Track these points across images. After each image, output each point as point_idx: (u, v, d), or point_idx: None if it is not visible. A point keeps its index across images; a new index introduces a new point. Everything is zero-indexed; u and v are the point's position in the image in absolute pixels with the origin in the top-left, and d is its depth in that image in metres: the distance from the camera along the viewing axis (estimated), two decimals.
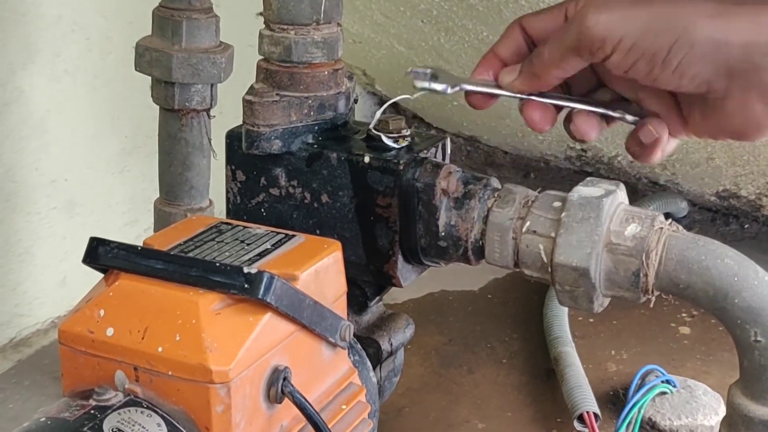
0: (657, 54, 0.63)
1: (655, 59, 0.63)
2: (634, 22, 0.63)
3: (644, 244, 0.66)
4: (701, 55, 0.62)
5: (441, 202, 0.71)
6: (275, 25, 0.73)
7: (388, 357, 0.78)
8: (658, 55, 0.63)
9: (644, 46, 0.63)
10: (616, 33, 0.63)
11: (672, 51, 0.62)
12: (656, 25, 0.63)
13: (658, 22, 0.63)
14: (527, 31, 0.71)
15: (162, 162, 0.98)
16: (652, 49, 0.63)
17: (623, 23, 0.63)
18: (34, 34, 1.16)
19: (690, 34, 0.62)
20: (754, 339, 0.64)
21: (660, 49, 0.63)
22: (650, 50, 0.63)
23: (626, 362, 1.19)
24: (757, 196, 1.56)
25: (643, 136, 0.69)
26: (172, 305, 0.60)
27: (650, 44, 0.63)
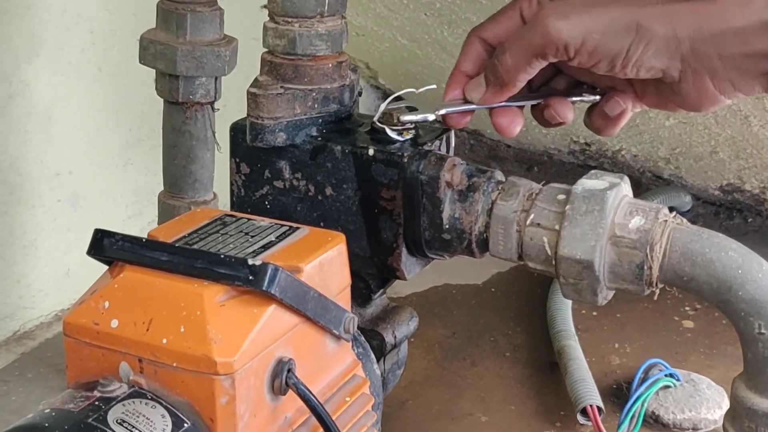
0: (617, 54, 0.67)
1: (615, 59, 0.68)
2: (594, 26, 0.67)
3: (648, 237, 0.66)
4: (656, 50, 0.67)
5: (445, 195, 0.71)
6: (279, 18, 0.73)
7: (391, 349, 0.79)
8: (619, 54, 0.67)
9: (605, 48, 0.67)
10: (578, 37, 0.67)
11: (630, 50, 0.67)
12: (614, 27, 0.67)
13: (616, 25, 0.67)
14: (486, 40, 0.74)
15: (166, 155, 0.98)
16: (613, 50, 0.67)
17: (584, 27, 0.67)
18: (39, 27, 1.16)
19: (645, 33, 0.66)
20: (758, 331, 0.64)
21: (620, 49, 0.67)
22: (611, 51, 0.67)
23: (629, 356, 1.19)
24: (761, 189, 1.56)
25: (609, 109, 0.74)
26: (176, 297, 0.60)
27: (611, 46, 0.67)
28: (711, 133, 1.43)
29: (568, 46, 0.68)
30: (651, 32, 0.66)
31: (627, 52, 0.67)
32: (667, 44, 0.67)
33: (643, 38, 0.66)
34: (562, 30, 0.67)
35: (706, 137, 1.45)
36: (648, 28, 0.66)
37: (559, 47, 0.68)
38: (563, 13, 0.68)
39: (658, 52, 0.67)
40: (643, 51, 0.67)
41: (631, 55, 0.67)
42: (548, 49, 0.68)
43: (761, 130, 1.36)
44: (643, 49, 0.67)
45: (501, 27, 0.74)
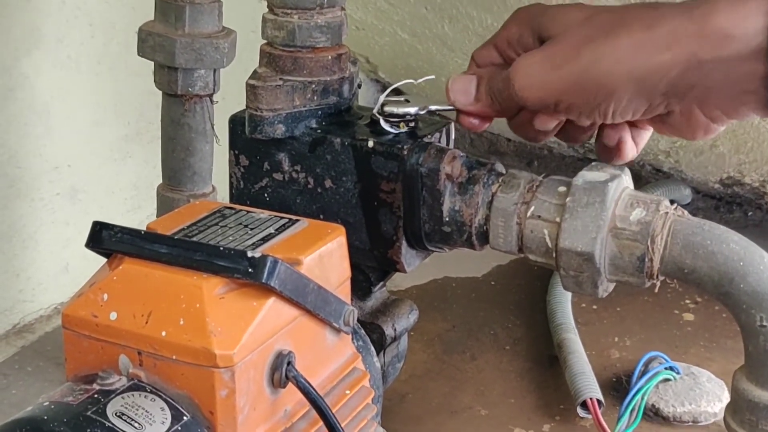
0: (592, 107, 0.66)
1: (591, 111, 0.66)
2: (555, 87, 0.66)
3: (649, 229, 0.66)
4: (631, 95, 0.64)
5: (445, 187, 0.71)
6: (279, 9, 0.73)
7: (391, 342, 0.78)
8: (593, 107, 0.66)
9: (574, 107, 0.66)
10: (545, 98, 0.67)
11: (603, 103, 0.65)
12: (574, 86, 0.65)
13: (576, 83, 0.65)
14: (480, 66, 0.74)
15: (165, 147, 0.98)
16: (586, 104, 0.66)
17: (546, 89, 0.66)
18: (38, 19, 1.16)
19: (612, 83, 0.64)
20: (760, 324, 0.64)
21: (592, 103, 0.65)
22: (585, 106, 0.66)
23: (629, 349, 1.19)
24: (761, 183, 1.55)
25: (606, 139, 0.72)
26: (175, 289, 0.60)
27: (578, 104, 0.66)
28: None
29: (543, 102, 0.67)
30: (619, 80, 0.64)
31: (598, 107, 0.65)
32: (642, 86, 0.64)
33: (612, 89, 0.64)
34: (526, 90, 0.67)
35: None
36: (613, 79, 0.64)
37: (535, 104, 0.68)
38: (527, 73, 0.67)
39: (635, 96, 0.64)
40: (615, 101, 0.65)
41: (607, 107, 0.65)
42: (527, 104, 0.68)
43: (762, 123, 1.36)
44: (615, 100, 0.65)
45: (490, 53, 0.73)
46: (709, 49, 0.61)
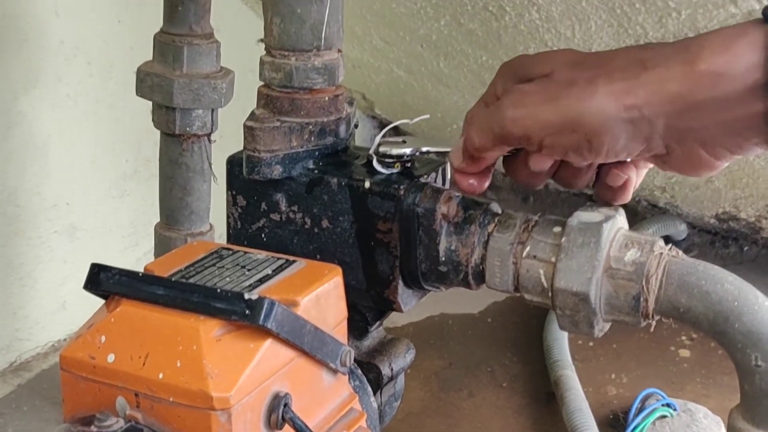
0: (581, 146, 0.63)
1: (581, 150, 0.64)
2: (546, 121, 0.63)
3: (644, 269, 0.66)
4: (626, 136, 0.62)
5: (441, 227, 0.71)
6: (276, 51, 0.74)
7: (388, 382, 0.78)
8: (580, 148, 0.63)
9: (564, 143, 0.64)
10: (534, 133, 0.64)
11: (593, 142, 0.63)
12: (566, 121, 0.63)
13: (568, 118, 0.62)
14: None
15: (163, 186, 0.98)
16: (572, 144, 0.63)
17: (536, 123, 0.64)
18: (37, 58, 1.17)
19: (603, 123, 0.61)
20: (755, 363, 0.64)
21: (579, 143, 0.63)
22: (570, 145, 0.64)
23: (626, 385, 1.19)
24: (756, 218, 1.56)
25: (611, 180, 0.69)
26: (173, 331, 0.60)
27: (568, 141, 0.63)
28: None
29: (529, 138, 0.64)
30: (612, 120, 0.61)
31: (590, 144, 0.63)
32: (637, 128, 0.62)
33: (604, 128, 0.62)
34: (516, 122, 0.64)
35: None
36: (607, 117, 0.61)
37: (520, 139, 0.65)
38: (518, 105, 0.64)
39: (630, 138, 0.62)
40: (610, 140, 0.62)
41: (598, 147, 0.63)
42: (509, 140, 0.66)
43: (757, 159, 1.37)
44: (610, 139, 0.62)
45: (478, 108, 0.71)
46: (703, 90, 0.60)
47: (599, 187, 0.70)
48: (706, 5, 1.08)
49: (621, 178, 0.69)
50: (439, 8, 1.35)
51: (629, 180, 0.69)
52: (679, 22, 1.14)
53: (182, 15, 0.92)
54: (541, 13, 1.24)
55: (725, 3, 1.06)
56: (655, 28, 1.18)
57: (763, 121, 0.60)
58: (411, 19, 1.41)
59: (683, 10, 1.11)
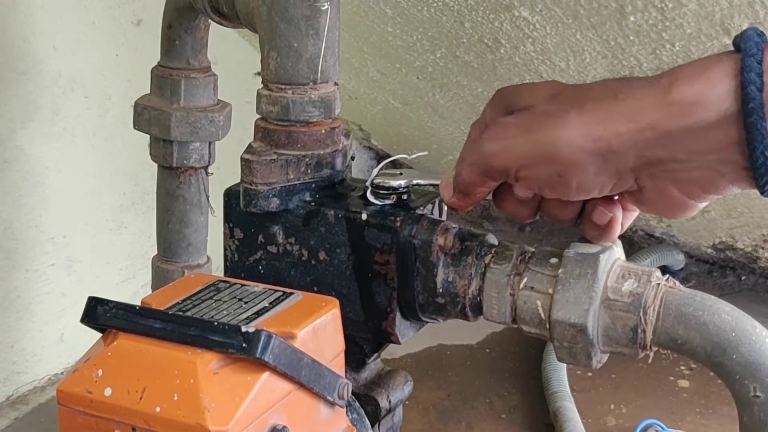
0: (552, 179, 0.63)
1: (553, 184, 0.63)
2: (520, 153, 0.63)
3: (641, 300, 0.66)
4: (594, 169, 0.61)
5: (438, 259, 0.71)
6: (273, 85, 0.74)
7: (386, 415, 0.78)
8: (554, 180, 0.63)
9: (537, 176, 0.63)
10: (512, 164, 0.64)
11: (563, 176, 0.62)
12: (537, 153, 0.62)
13: (540, 150, 0.62)
14: None
15: (160, 219, 0.98)
16: (544, 177, 0.63)
17: (511, 155, 0.63)
18: (34, 92, 1.18)
19: (573, 155, 0.61)
20: (754, 394, 0.64)
21: (550, 177, 0.62)
22: (543, 179, 0.63)
23: (625, 416, 1.19)
24: (753, 248, 1.56)
25: (596, 218, 0.67)
26: (170, 365, 0.60)
27: (540, 174, 0.63)
28: None
29: (507, 172, 0.64)
30: (581, 153, 0.61)
31: (561, 178, 0.62)
32: (606, 161, 0.61)
33: (573, 161, 0.61)
34: (494, 156, 0.64)
35: None
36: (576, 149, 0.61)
37: (500, 172, 0.65)
38: (496, 137, 0.65)
39: (598, 171, 0.61)
40: (581, 174, 0.61)
41: (568, 181, 0.62)
42: (492, 174, 0.66)
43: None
44: (580, 172, 0.61)
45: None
46: (675, 119, 0.58)
47: (585, 224, 0.69)
48: (699, 37, 1.09)
49: (606, 216, 0.67)
50: (434, 40, 1.35)
51: (614, 219, 0.67)
52: (672, 53, 1.15)
53: (180, 49, 0.92)
54: (536, 45, 1.25)
55: (718, 34, 1.07)
56: (649, 59, 1.19)
57: (738, 151, 0.58)
58: (407, 51, 1.42)
59: (677, 41, 1.12)
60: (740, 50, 0.59)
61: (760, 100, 0.57)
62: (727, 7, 1.01)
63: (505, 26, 1.23)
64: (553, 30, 1.20)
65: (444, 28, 1.30)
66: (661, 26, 1.09)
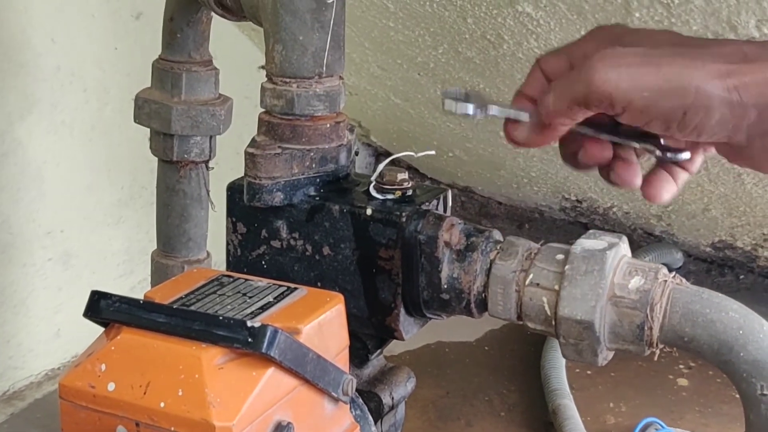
0: (671, 116, 0.62)
1: (669, 121, 0.63)
2: (645, 83, 0.62)
3: (648, 297, 0.65)
4: (718, 117, 0.61)
5: (443, 255, 0.71)
6: (277, 78, 0.73)
7: (389, 411, 0.78)
8: (673, 117, 0.62)
9: (657, 109, 0.62)
10: (626, 93, 0.62)
11: (687, 114, 0.62)
12: (668, 87, 0.62)
13: (672, 85, 0.62)
14: (545, 72, 0.70)
15: (160, 214, 0.97)
16: (666, 112, 0.62)
17: (633, 84, 0.62)
18: (33, 85, 1.17)
19: (704, 97, 0.61)
20: (761, 392, 0.64)
21: (674, 112, 0.62)
22: (663, 113, 0.62)
23: (625, 414, 1.18)
24: (752, 247, 1.56)
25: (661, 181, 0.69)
26: (174, 359, 0.59)
27: (663, 108, 0.62)
28: (704, 191, 1.43)
29: (613, 101, 0.63)
30: (712, 97, 0.61)
31: (684, 116, 0.62)
32: (733, 112, 0.61)
33: (702, 103, 0.61)
34: (608, 82, 0.62)
35: (698, 195, 1.46)
36: (708, 91, 0.61)
37: (603, 99, 0.63)
38: (613, 65, 0.62)
39: (722, 120, 0.62)
40: (704, 117, 0.62)
41: (689, 120, 0.62)
42: (591, 100, 0.63)
43: (754, 188, 1.37)
44: (703, 116, 0.62)
45: (560, 61, 0.69)
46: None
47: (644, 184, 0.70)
48: (706, 34, 1.08)
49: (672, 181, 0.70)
50: (437, 36, 1.35)
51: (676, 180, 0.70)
52: None
53: (181, 42, 0.92)
54: (540, 42, 1.24)
55: (725, 31, 1.06)
56: None
57: None
58: (409, 47, 1.41)
59: None
60: None
61: None
62: (735, 3, 1.01)
63: (508, 22, 1.22)
64: (557, 26, 1.20)
65: (446, 23, 1.30)
66: (667, 23, 1.09)
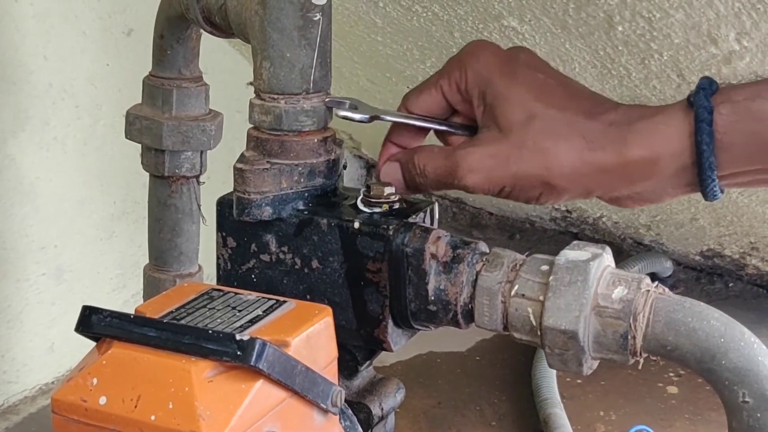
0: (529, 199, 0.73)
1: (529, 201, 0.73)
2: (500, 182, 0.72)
3: (631, 307, 0.67)
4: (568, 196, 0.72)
5: (430, 267, 0.72)
6: (265, 95, 0.74)
7: (378, 422, 0.79)
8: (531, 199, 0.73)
9: (516, 195, 0.73)
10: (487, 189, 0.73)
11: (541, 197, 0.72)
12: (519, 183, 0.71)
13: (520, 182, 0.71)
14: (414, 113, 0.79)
15: (151, 228, 0.98)
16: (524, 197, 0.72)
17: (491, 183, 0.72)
18: (25, 102, 1.18)
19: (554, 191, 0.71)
20: (742, 400, 0.65)
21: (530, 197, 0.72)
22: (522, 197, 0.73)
23: (615, 423, 1.19)
24: (740, 255, 1.57)
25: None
26: (164, 373, 0.60)
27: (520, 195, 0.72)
28: (691, 201, 1.45)
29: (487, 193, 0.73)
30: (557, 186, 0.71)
31: (539, 197, 0.72)
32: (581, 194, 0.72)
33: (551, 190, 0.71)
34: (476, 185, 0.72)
35: (686, 205, 1.47)
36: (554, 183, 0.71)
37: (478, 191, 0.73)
38: (476, 172, 0.72)
39: (572, 197, 0.72)
40: (556, 197, 0.72)
41: (544, 199, 0.72)
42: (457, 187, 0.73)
43: (740, 197, 1.38)
44: (556, 196, 0.72)
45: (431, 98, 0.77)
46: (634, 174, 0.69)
47: None
48: (687, 47, 1.10)
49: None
50: (424, 50, 1.36)
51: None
52: (661, 63, 1.16)
53: (171, 58, 0.93)
54: None
55: (706, 44, 1.08)
56: (638, 69, 1.20)
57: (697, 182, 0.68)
58: (397, 61, 1.42)
59: (665, 51, 1.13)
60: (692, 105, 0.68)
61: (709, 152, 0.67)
62: (714, 17, 1.02)
63: (495, 36, 1.24)
64: (542, 40, 1.21)
65: (434, 37, 1.31)
66: (649, 36, 1.10)
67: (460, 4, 1.21)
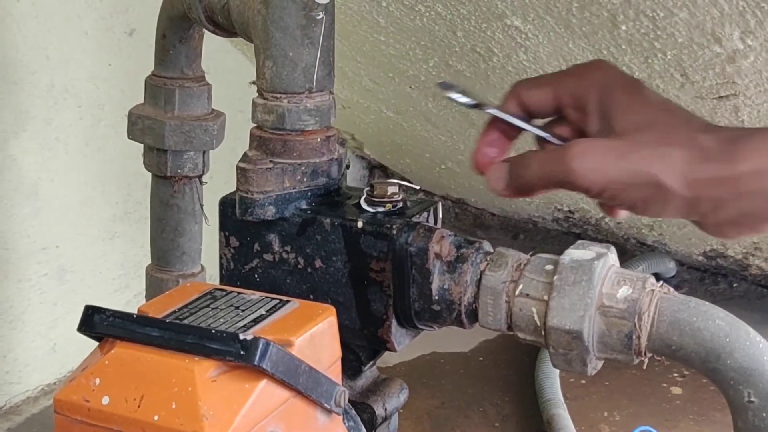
0: (636, 203, 0.69)
1: (634, 206, 0.69)
2: (615, 177, 0.68)
3: (636, 306, 0.66)
4: (675, 206, 0.68)
5: (434, 266, 0.72)
6: (268, 94, 0.74)
7: (382, 422, 0.78)
8: (637, 204, 0.69)
9: (624, 197, 0.69)
10: (600, 185, 0.69)
11: (648, 202, 0.69)
12: (633, 181, 0.68)
13: (635, 179, 0.68)
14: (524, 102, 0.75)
15: (154, 228, 0.98)
16: (632, 200, 0.69)
17: (605, 177, 0.68)
18: (27, 102, 1.18)
19: (663, 191, 0.67)
20: (748, 399, 0.64)
21: (638, 200, 0.68)
22: (629, 200, 0.69)
23: (619, 423, 1.19)
24: (744, 255, 1.57)
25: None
26: (167, 373, 0.60)
27: (629, 197, 0.69)
28: None
29: (589, 190, 0.69)
30: (671, 191, 0.67)
31: (645, 203, 0.69)
32: (687, 202, 0.68)
33: (662, 195, 0.68)
34: (584, 176, 0.69)
35: None
36: (668, 187, 0.67)
37: (579, 188, 0.70)
38: (588, 161, 0.69)
39: (677, 208, 0.68)
40: (663, 204, 0.68)
41: (650, 207, 0.69)
42: (567, 185, 0.70)
43: None
44: (663, 203, 0.68)
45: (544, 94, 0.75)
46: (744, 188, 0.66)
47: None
48: (691, 46, 1.09)
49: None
50: (427, 50, 1.36)
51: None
52: (665, 62, 1.16)
53: (174, 58, 0.93)
54: (529, 54, 1.25)
55: (710, 43, 1.07)
56: (642, 68, 1.19)
57: None
58: (400, 61, 1.42)
59: (668, 50, 1.13)
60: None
61: None
62: (718, 16, 1.02)
63: (498, 35, 1.23)
64: (545, 39, 1.21)
65: (436, 37, 1.31)
66: (653, 35, 1.10)
67: (462, 4, 1.20)
